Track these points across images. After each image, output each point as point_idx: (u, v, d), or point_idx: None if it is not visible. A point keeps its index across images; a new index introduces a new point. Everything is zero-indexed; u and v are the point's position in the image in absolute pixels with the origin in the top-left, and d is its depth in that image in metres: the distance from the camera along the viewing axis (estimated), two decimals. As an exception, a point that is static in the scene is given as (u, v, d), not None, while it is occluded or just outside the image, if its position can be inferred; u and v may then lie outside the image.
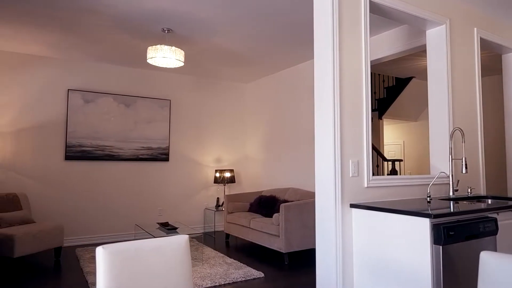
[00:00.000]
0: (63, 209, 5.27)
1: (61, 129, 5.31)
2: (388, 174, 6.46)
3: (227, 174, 6.22)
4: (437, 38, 3.27)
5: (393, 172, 5.83)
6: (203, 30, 4.22)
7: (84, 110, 5.46)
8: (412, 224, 2.07)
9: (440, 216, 2.00)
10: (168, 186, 6.09)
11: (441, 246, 1.98)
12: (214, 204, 6.54)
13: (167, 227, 4.43)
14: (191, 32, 4.28)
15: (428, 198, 2.67)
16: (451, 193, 2.99)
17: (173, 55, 3.98)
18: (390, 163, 6.92)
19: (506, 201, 2.83)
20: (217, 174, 6.23)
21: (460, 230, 2.08)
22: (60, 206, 5.26)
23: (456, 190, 3.06)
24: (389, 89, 7.04)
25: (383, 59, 4.53)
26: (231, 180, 6.24)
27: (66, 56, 5.28)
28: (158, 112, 6.04)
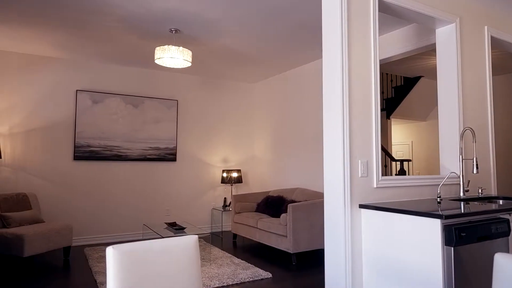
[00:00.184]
0: (72, 209, 5.31)
1: (70, 130, 5.35)
2: (397, 174, 6.41)
3: (234, 174, 6.22)
4: (447, 37, 3.23)
5: (402, 172, 5.78)
6: (211, 30, 4.23)
7: (92, 111, 5.49)
8: (423, 225, 2.05)
9: (452, 217, 1.97)
10: (176, 186, 6.11)
11: (453, 248, 1.95)
12: (221, 204, 6.54)
13: (175, 227, 4.44)
14: (199, 33, 4.29)
15: (438, 199, 2.64)
16: (462, 194, 2.96)
17: (181, 56, 3.99)
18: (399, 163, 6.87)
19: (518, 202, 2.78)
20: (224, 174, 6.23)
21: (472, 231, 2.05)
22: (69, 206, 5.30)
23: (467, 191, 3.02)
24: (397, 89, 6.99)
25: (391, 59, 4.49)
26: (238, 180, 6.24)
27: (75, 57, 5.32)
28: (166, 113, 6.06)
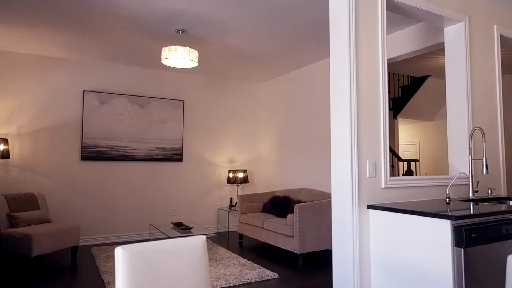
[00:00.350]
0: (79, 209, 5.34)
1: (77, 130, 5.39)
2: (404, 175, 6.37)
3: (240, 175, 6.22)
4: (456, 36, 3.19)
5: (409, 173, 5.74)
6: (217, 31, 4.23)
7: (99, 111, 5.52)
8: (433, 226, 2.03)
9: (462, 218, 1.95)
10: (182, 186, 6.12)
11: (463, 249, 1.93)
12: (228, 204, 6.54)
13: (181, 227, 4.45)
14: (205, 33, 4.29)
15: (447, 199, 2.61)
16: (471, 194, 2.92)
17: (187, 56, 3.99)
18: (406, 163, 6.82)
19: (529, 203, 2.74)
20: (230, 174, 6.23)
21: (483, 232, 2.02)
22: (76, 206, 5.33)
23: (476, 191, 2.99)
24: (404, 88, 6.94)
25: (399, 58, 4.46)
26: (244, 181, 6.24)
27: (82, 58, 5.35)
28: (172, 113, 6.07)
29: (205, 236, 1.61)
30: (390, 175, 3.25)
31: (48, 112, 5.22)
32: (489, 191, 3.03)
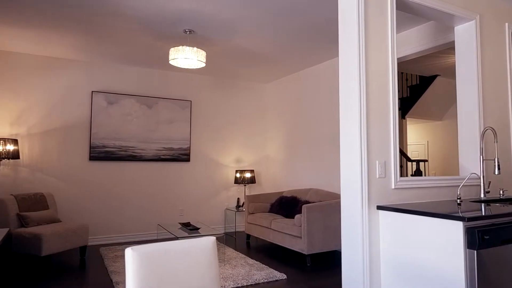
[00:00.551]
0: (87, 209, 5.38)
1: (86, 130, 5.42)
2: (412, 175, 6.31)
3: (248, 175, 6.21)
4: (466, 35, 3.15)
5: (418, 173, 5.68)
6: (224, 31, 4.22)
7: (108, 112, 5.55)
8: (444, 228, 2.00)
9: (475, 219, 1.91)
10: (189, 186, 6.13)
11: (476, 251, 1.90)
12: (235, 205, 6.54)
13: (189, 227, 4.45)
14: (212, 33, 4.29)
15: (459, 200, 2.58)
16: (482, 195, 2.88)
17: (195, 56, 4.00)
18: (414, 164, 6.76)
19: (542, 204, 2.70)
20: (238, 175, 6.22)
21: (496, 234, 1.99)
22: (84, 206, 5.37)
23: (488, 192, 2.94)
24: (413, 88, 6.88)
25: (407, 57, 4.42)
26: (252, 181, 6.23)
27: (90, 59, 5.39)
28: (179, 113, 6.09)
29: (215, 237, 1.60)
30: (400, 176, 3.22)
31: (57, 113, 5.26)
32: (501, 192, 2.99)
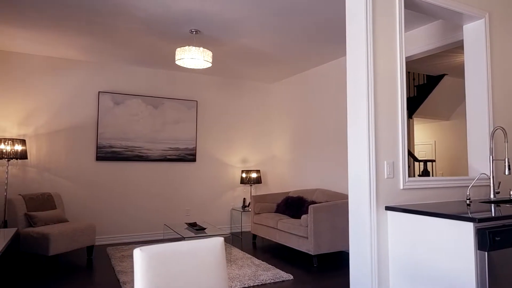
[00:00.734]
0: (94, 208, 5.41)
1: (92, 131, 5.45)
2: (420, 175, 6.26)
3: (254, 175, 6.20)
4: (475, 33, 3.12)
5: (425, 173, 5.64)
6: (231, 31, 4.22)
7: (114, 112, 5.57)
8: (454, 229, 1.97)
9: (485, 220, 1.89)
10: (195, 187, 6.14)
11: (486, 252, 1.87)
12: (241, 205, 6.53)
13: (195, 227, 4.45)
14: (219, 33, 4.29)
15: (468, 201, 2.55)
16: (492, 196, 2.84)
17: (201, 56, 4.00)
18: (422, 164, 6.71)
19: (554, 205, 2.65)
20: (244, 175, 6.22)
21: (507, 235, 1.96)
22: (91, 206, 5.39)
23: (498, 193, 2.91)
24: (420, 87, 6.82)
25: (414, 57, 4.38)
26: (258, 181, 6.22)
27: (97, 59, 5.41)
28: (185, 113, 6.10)
29: (223, 238, 1.59)
30: (408, 176, 3.18)
31: (64, 113, 5.30)
32: (511, 193, 2.95)
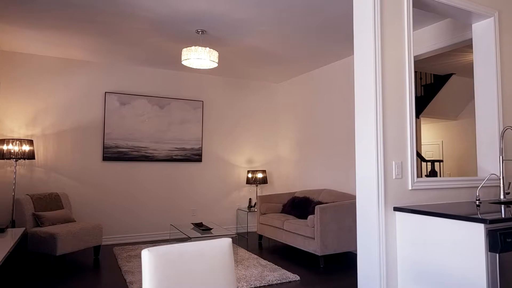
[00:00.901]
0: (101, 208, 5.43)
1: (99, 131, 5.47)
2: (427, 176, 6.21)
3: (260, 175, 6.19)
4: (485, 32, 3.08)
5: (433, 173, 5.59)
6: (237, 31, 4.21)
7: (120, 112, 5.59)
8: (465, 230, 1.95)
9: (497, 222, 1.86)
10: (201, 187, 6.14)
11: (498, 254, 1.85)
12: (247, 205, 6.52)
13: (202, 228, 4.45)
14: (225, 33, 4.28)
15: (477, 202, 2.52)
16: (502, 196, 2.81)
17: (208, 56, 3.99)
18: (429, 164, 6.66)
19: None
20: (249, 175, 6.21)
21: (518, 237, 1.93)
22: (98, 205, 5.41)
23: (508, 193, 2.87)
24: (427, 87, 6.77)
25: (422, 56, 4.34)
26: (264, 181, 6.21)
27: (103, 60, 5.43)
28: (191, 113, 6.10)
29: (231, 239, 1.58)
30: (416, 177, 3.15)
31: (71, 114, 5.32)
32: (521, 193, 2.91)
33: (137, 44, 4.72)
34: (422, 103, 6.55)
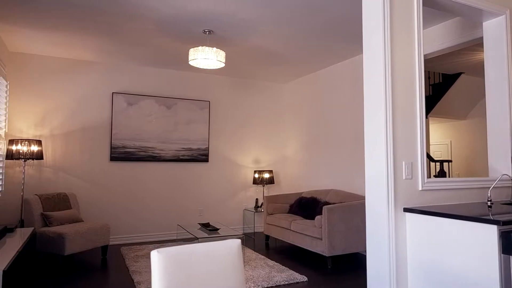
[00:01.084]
0: (108, 208, 5.45)
1: (106, 131, 5.49)
2: (436, 176, 6.15)
3: (266, 175, 6.18)
4: (496, 30, 3.03)
5: (442, 174, 5.53)
6: (243, 31, 4.20)
7: (127, 112, 5.61)
8: (477, 231, 1.91)
9: (510, 223, 1.83)
10: (208, 187, 6.14)
11: (511, 256, 1.81)
12: (253, 205, 6.51)
13: (209, 228, 4.45)
14: (231, 33, 4.27)
15: (489, 202, 2.48)
16: (514, 197, 2.76)
17: (215, 56, 3.99)
18: (438, 164, 6.59)
19: None
20: (256, 175, 6.20)
21: (532, 239, 1.89)
22: (105, 205, 5.44)
23: (519, 194, 2.82)
24: (435, 86, 6.70)
25: (430, 55, 4.30)
26: (270, 181, 6.19)
27: (111, 61, 5.46)
28: (198, 114, 6.10)
29: (240, 240, 1.57)
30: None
31: (79, 114, 5.35)
32: (534, 194, 2.86)
33: (144, 45, 4.73)
34: (431, 103, 6.49)
